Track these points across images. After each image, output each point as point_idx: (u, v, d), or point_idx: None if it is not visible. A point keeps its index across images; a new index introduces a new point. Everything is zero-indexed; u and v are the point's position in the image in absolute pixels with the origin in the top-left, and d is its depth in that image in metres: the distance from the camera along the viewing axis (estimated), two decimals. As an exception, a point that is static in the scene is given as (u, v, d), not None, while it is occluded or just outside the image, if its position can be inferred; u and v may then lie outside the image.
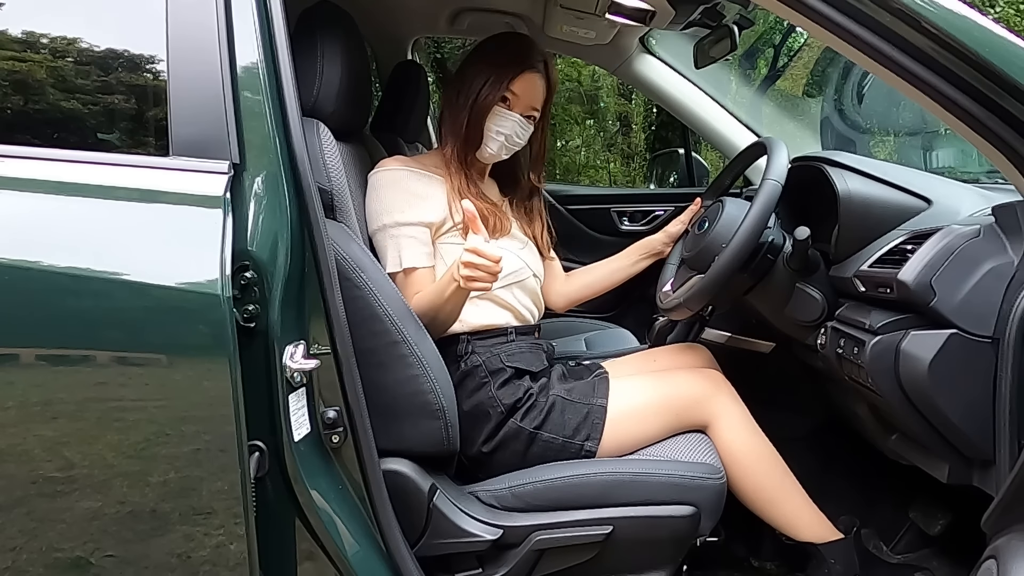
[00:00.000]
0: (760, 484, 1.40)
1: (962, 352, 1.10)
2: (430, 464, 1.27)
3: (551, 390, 1.40)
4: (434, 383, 1.22)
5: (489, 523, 1.24)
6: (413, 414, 1.22)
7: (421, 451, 1.25)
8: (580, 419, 1.36)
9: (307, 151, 1.07)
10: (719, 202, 1.54)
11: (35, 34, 1.09)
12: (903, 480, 1.55)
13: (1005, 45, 1.00)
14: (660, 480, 1.29)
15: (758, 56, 4.05)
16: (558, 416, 1.35)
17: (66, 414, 0.98)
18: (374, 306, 1.19)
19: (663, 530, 1.27)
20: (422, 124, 2.29)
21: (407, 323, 1.22)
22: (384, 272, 1.26)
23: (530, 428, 1.35)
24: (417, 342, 1.22)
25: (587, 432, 1.35)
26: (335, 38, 1.32)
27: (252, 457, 1.00)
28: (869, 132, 2.71)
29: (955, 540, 1.51)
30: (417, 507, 1.21)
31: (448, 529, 1.22)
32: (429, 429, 1.23)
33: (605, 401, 1.38)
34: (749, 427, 1.41)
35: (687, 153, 2.69)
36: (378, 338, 1.19)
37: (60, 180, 1.01)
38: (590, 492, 1.27)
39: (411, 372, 1.21)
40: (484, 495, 1.30)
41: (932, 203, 1.34)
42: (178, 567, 1.02)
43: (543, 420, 1.35)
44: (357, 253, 1.20)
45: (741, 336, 1.86)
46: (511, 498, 1.29)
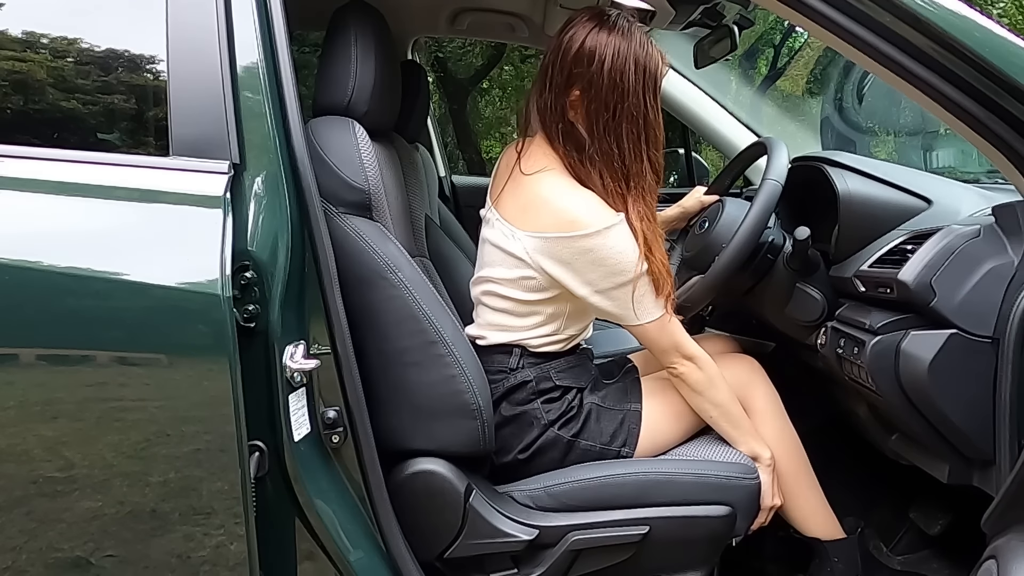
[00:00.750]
0: (784, 474, 1.38)
1: (962, 352, 1.10)
2: (465, 464, 1.26)
3: (586, 398, 1.37)
4: (471, 383, 1.21)
5: (525, 523, 1.23)
6: (450, 414, 1.21)
7: (457, 451, 1.23)
8: (616, 425, 1.34)
9: (307, 151, 1.07)
10: (719, 202, 1.54)
11: (35, 34, 1.09)
12: (903, 480, 1.55)
13: (1005, 45, 1.00)
14: (696, 480, 1.28)
15: (758, 56, 4.05)
16: (594, 424, 1.33)
17: (66, 414, 0.98)
18: (411, 306, 1.17)
19: (699, 530, 1.27)
20: (422, 124, 2.29)
21: (444, 323, 1.20)
22: (419, 271, 1.22)
23: (568, 436, 1.32)
24: (454, 342, 1.20)
25: (623, 438, 1.33)
26: (368, 37, 1.30)
27: (252, 457, 1.00)
28: (869, 132, 2.71)
29: (955, 540, 1.51)
30: (453, 507, 1.20)
31: (484, 529, 1.21)
32: (466, 429, 1.22)
33: (639, 405, 1.35)
34: (780, 414, 1.40)
35: (687, 153, 2.69)
36: (415, 337, 1.18)
37: (60, 180, 1.01)
38: (626, 492, 1.26)
39: (448, 372, 1.20)
40: (519, 495, 1.28)
41: (932, 203, 1.34)
42: (178, 567, 1.02)
43: (580, 428, 1.33)
44: (394, 253, 1.19)
45: (741, 336, 1.86)
46: (546, 498, 1.27)
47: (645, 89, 1.22)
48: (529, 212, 1.26)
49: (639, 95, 1.22)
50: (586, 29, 1.23)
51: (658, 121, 1.25)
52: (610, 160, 1.23)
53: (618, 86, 1.21)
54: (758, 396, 1.41)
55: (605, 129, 1.22)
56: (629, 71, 1.21)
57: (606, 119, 1.22)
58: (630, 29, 1.23)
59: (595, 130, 1.23)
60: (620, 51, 1.21)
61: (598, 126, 1.22)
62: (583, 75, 1.21)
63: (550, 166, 1.26)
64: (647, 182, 1.25)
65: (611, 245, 1.21)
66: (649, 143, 1.24)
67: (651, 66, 1.23)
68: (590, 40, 1.21)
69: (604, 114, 1.22)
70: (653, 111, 1.24)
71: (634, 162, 1.24)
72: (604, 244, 1.21)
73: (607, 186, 1.24)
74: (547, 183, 1.25)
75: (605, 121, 1.22)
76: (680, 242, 1.68)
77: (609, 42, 1.21)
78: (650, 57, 1.23)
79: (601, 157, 1.23)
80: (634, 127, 1.22)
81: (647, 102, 1.23)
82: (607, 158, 1.23)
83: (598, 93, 1.21)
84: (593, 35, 1.22)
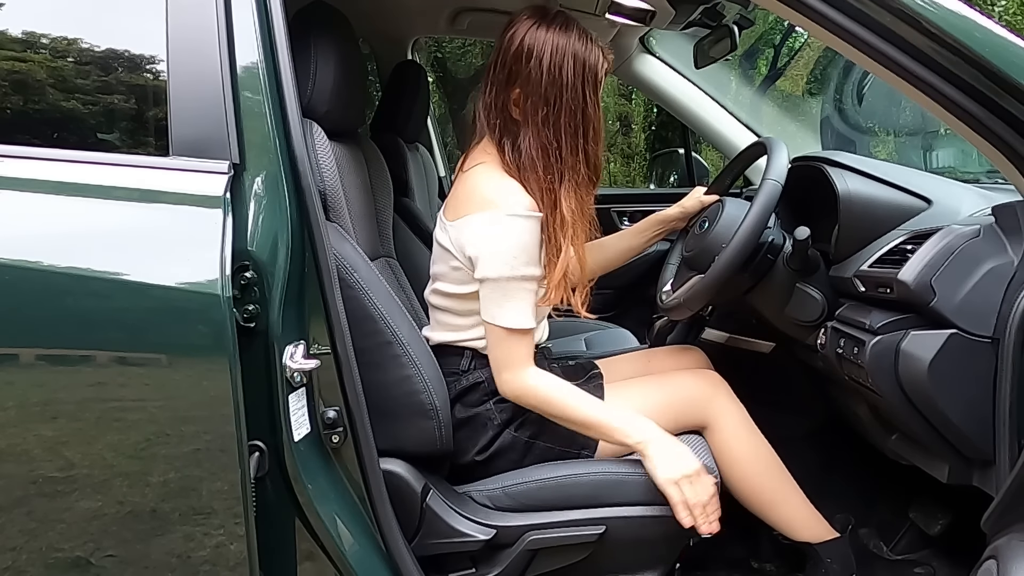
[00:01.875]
0: (759, 486, 1.39)
1: (962, 352, 1.10)
2: (423, 464, 1.27)
3: None
4: (427, 383, 1.23)
5: (482, 523, 1.24)
6: (407, 414, 1.23)
7: (415, 451, 1.25)
8: None
9: (307, 151, 1.07)
10: (719, 202, 1.54)
11: (35, 34, 1.09)
12: (903, 480, 1.55)
13: (1005, 45, 1.00)
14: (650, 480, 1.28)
15: (758, 56, 4.05)
16: (554, 426, 1.34)
17: (66, 414, 0.98)
18: (368, 307, 1.19)
19: (655, 530, 1.27)
20: (422, 124, 2.29)
21: (400, 323, 1.22)
22: (375, 272, 1.24)
23: (526, 437, 1.34)
24: (410, 342, 1.23)
25: (584, 440, 1.34)
26: (329, 38, 1.31)
27: (252, 457, 1.00)
28: (869, 132, 2.71)
29: (955, 540, 1.51)
30: (411, 507, 1.21)
31: (442, 529, 1.22)
32: (423, 429, 1.24)
33: None
34: (748, 428, 1.41)
35: (687, 153, 2.69)
36: (371, 338, 1.19)
37: (60, 180, 1.01)
38: (583, 492, 1.27)
39: (404, 372, 1.22)
40: (477, 495, 1.30)
41: (932, 203, 1.34)
42: (178, 567, 1.02)
43: (539, 429, 1.34)
44: (350, 253, 1.20)
45: (741, 336, 1.86)
46: (504, 498, 1.28)
47: (584, 83, 1.25)
48: (459, 202, 1.30)
49: (577, 89, 1.24)
50: (526, 27, 1.25)
51: (597, 115, 1.28)
52: (547, 153, 1.25)
53: (556, 80, 1.23)
54: (722, 413, 1.39)
55: (543, 122, 1.24)
56: (567, 66, 1.23)
57: (544, 113, 1.24)
58: (569, 25, 1.26)
59: (532, 123, 1.25)
60: (558, 47, 1.23)
61: (536, 120, 1.25)
62: (522, 71, 1.24)
63: (486, 160, 1.30)
64: (581, 176, 1.28)
65: (515, 235, 1.22)
66: (587, 137, 1.27)
67: (591, 60, 1.25)
68: (528, 37, 1.24)
69: (543, 108, 1.24)
70: (592, 105, 1.26)
71: (570, 155, 1.26)
72: (509, 230, 1.22)
73: (541, 180, 1.25)
74: (477, 173, 1.29)
75: (544, 115, 1.24)
76: (680, 242, 1.68)
77: (547, 39, 1.23)
78: (590, 52, 1.25)
79: (538, 151, 1.25)
80: (572, 121, 1.25)
81: (586, 96, 1.25)
82: (544, 152, 1.25)
83: (536, 88, 1.24)
84: (532, 32, 1.24)
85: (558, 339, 2.06)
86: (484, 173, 1.29)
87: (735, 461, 1.38)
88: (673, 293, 1.56)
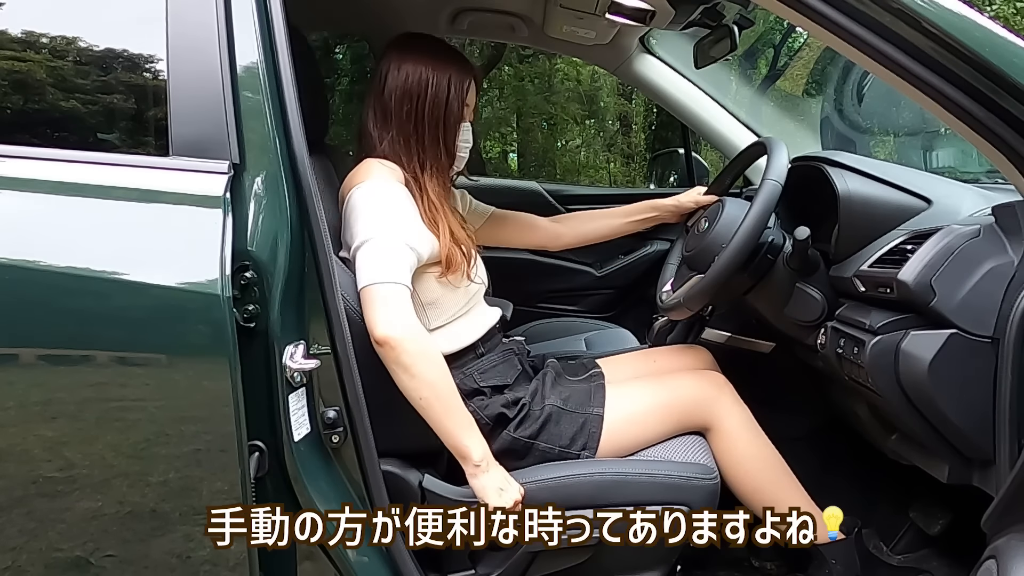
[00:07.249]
0: (762, 486, 1.39)
1: (962, 352, 1.10)
2: (423, 464, 1.27)
3: (546, 399, 1.38)
4: None
5: None
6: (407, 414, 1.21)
7: (415, 451, 1.25)
8: (576, 429, 1.35)
9: (307, 151, 1.07)
10: (719, 202, 1.54)
11: (35, 34, 1.09)
12: (903, 480, 1.55)
13: (1005, 45, 1.00)
14: (650, 481, 1.29)
15: (758, 56, 4.05)
16: (553, 427, 1.34)
17: (66, 414, 0.98)
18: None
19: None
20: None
21: None
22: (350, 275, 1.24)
23: (525, 438, 1.34)
24: None
25: (583, 441, 1.34)
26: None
27: (252, 457, 1.00)
28: (869, 132, 2.71)
29: (955, 540, 1.51)
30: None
31: None
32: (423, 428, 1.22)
33: (602, 410, 1.36)
34: (751, 429, 1.41)
35: (687, 153, 2.69)
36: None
37: (60, 180, 1.01)
38: (583, 493, 1.27)
39: None
40: None
41: (932, 203, 1.34)
42: (178, 567, 1.02)
43: (538, 430, 1.34)
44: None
45: (741, 336, 1.86)
46: None
47: (450, 83, 1.39)
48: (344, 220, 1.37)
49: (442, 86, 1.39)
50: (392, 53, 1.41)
51: (451, 108, 1.40)
52: (409, 145, 1.39)
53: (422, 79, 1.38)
54: (726, 415, 1.40)
55: (407, 116, 1.39)
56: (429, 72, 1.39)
57: (407, 108, 1.38)
58: (434, 45, 1.43)
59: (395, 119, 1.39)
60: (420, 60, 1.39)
61: (400, 115, 1.38)
62: (391, 82, 1.39)
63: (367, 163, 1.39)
64: (441, 162, 1.41)
65: (376, 198, 1.30)
66: (447, 128, 1.40)
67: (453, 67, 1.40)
68: (396, 57, 1.40)
69: (406, 104, 1.38)
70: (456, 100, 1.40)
71: (432, 144, 1.40)
72: (371, 194, 1.30)
73: (407, 167, 1.38)
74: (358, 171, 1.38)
75: (407, 111, 1.38)
76: (680, 242, 1.68)
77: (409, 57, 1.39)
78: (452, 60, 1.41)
79: (403, 143, 1.39)
80: (434, 111, 1.39)
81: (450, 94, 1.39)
82: (407, 145, 1.39)
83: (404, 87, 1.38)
84: (399, 55, 1.40)
85: (558, 339, 2.06)
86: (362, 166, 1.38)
87: (738, 462, 1.38)
88: (673, 293, 1.56)
